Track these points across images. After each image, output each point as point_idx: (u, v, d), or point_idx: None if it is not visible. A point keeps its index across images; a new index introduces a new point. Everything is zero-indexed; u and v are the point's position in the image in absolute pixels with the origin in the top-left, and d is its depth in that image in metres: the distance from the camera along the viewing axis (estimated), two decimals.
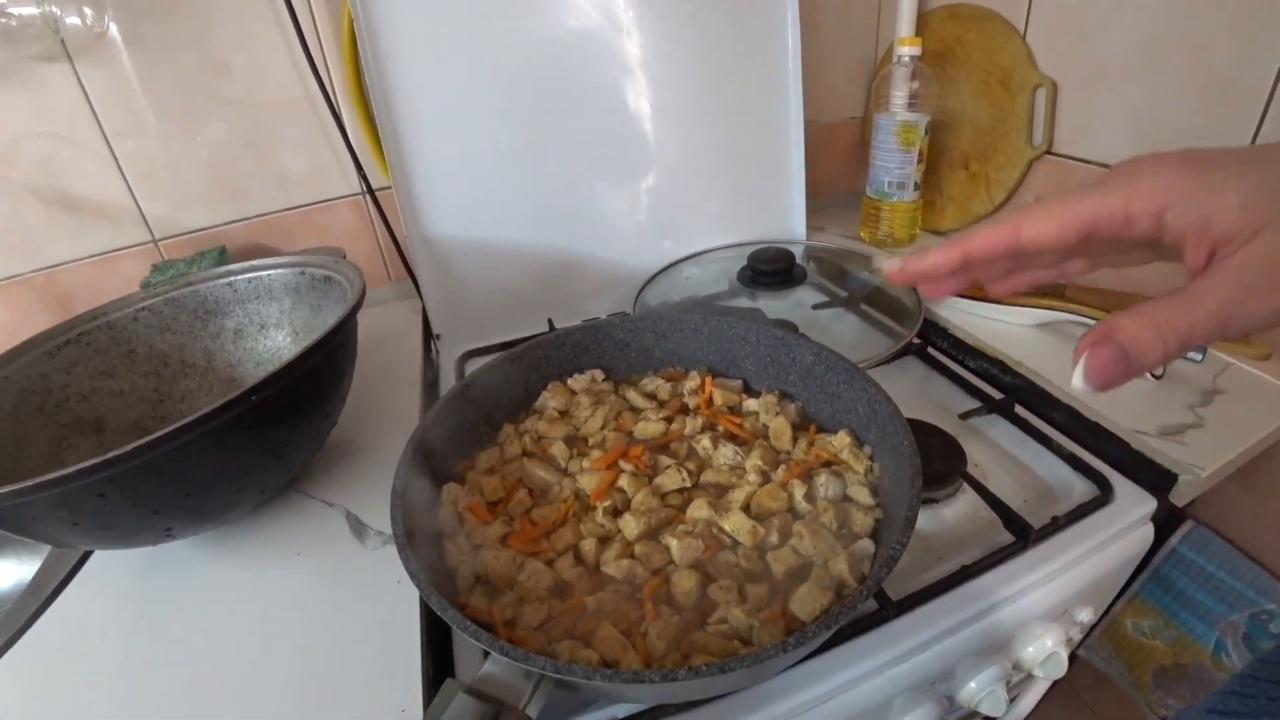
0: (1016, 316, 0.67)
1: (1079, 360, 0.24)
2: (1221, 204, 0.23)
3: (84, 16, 0.65)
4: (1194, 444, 0.52)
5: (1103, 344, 0.24)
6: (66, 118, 0.68)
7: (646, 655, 0.34)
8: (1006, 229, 0.27)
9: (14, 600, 0.51)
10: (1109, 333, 0.24)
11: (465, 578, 0.39)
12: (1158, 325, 0.23)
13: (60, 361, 0.57)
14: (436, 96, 0.68)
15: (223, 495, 0.43)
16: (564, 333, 0.56)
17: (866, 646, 0.42)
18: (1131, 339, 0.23)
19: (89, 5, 0.65)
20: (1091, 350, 0.24)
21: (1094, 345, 0.24)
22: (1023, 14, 0.72)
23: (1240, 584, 0.68)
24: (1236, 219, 0.23)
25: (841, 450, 0.46)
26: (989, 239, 0.28)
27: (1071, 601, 0.50)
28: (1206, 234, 0.24)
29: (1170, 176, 0.24)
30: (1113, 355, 0.24)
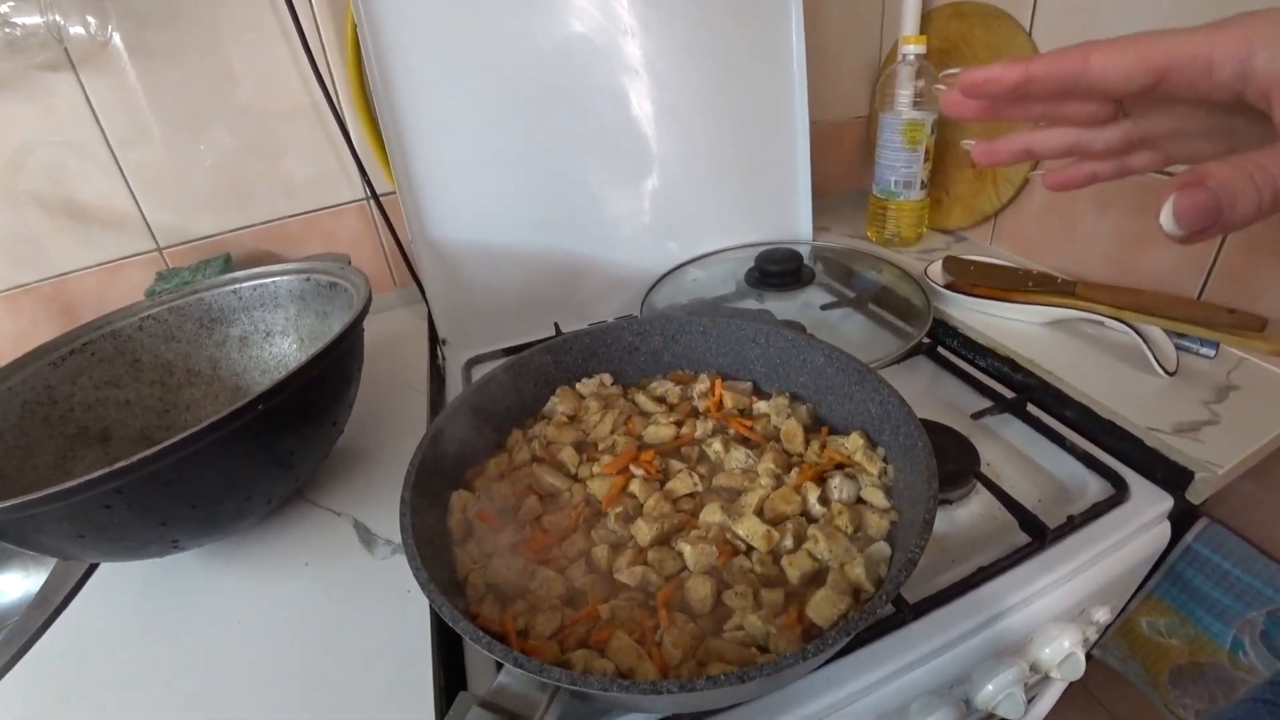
0: (1027, 315, 0.66)
1: (1167, 200, 0.22)
2: None
3: (87, 25, 0.65)
4: (1210, 441, 0.51)
5: (1194, 186, 0.21)
6: (71, 127, 0.68)
7: (662, 664, 0.33)
8: (1076, 54, 0.25)
9: (21, 613, 0.51)
10: (1200, 177, 0.21)
11: (476, 586, 0.38)
12: (1252, 173, 0.21)
13: (65, 371, 0.56)
14: (440, 100, 0.68)
15: (230, 505, 0.43)
16: (571, 337, 0.55)
17: (883, 651, 0.42)
18: (1224, 185, 0.21)
19: (92, 14, 0.65)
20: (1181, 191, 0.22)
21: (1184, 187, 0.21)
22: (1028, 10, 0.72)
23: (1257, 581, 0.67)
24: None
25: (855, 452, 0.46)
26: (1055, 61, 0.26)
27: (1088, 602, 0.50)
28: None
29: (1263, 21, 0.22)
30: (1206, 199, 0.21)
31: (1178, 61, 0.23)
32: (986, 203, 0.82)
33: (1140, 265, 0.67)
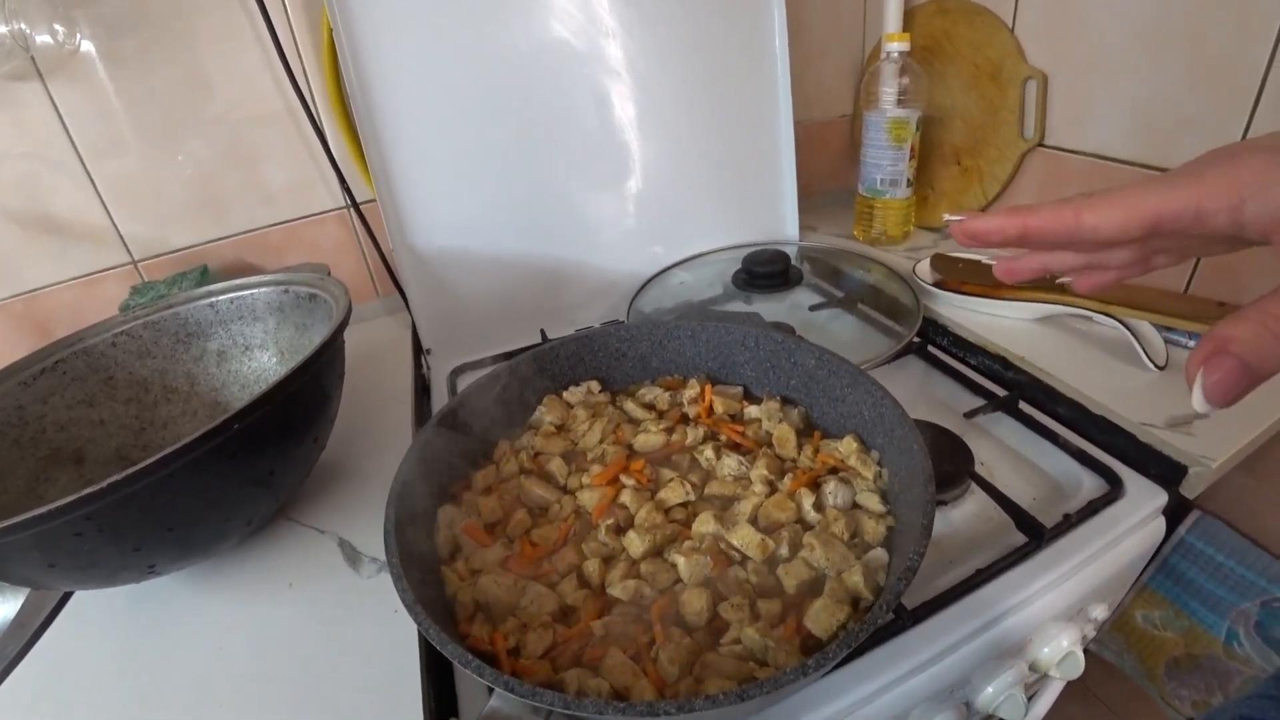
0: (1016, 311, 0.66)
1: (1196, 378, 0.22)
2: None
3: (55, 34, 0.63)
4: (1202, 434, 0.51)
5: (1219, 357, 0.21)
6: (40, 138, 0.67)
7: (658, 681, 0.32)
8: (1069, 214, 0.26)
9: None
10: (1222, 344, 0.21)
11: (465, 605, 0.37)
12: (1270, 325, 0.21)
13: (36, 391, 0.55)
14: (419, 106, 0.67)
15: (209, 527, 0.41)
16: (558, 344, 0.54)
17: (883, 658, 0.41)
18: (1250, 348, 0.21)
19: (60, 22, 0.64)
20: (1208, 366, 0.22)
21: (1209, 360, 0.22)
22: (1010, 7, 0.72)
23: (1250, 572, 0.67)
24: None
25: (848, 456, 0.45)
26: (1048, 219, 0.26)
27: (1086, 600, 0.49)
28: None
29: (1246, 167, 0.22)
30: (1234, 369, 0.21)
31: (1168, 215, 0.24)
32: (973, 199, 0.82)
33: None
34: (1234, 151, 0.23)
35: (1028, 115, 0.73)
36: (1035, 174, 0.76)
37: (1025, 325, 0.66)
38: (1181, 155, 0.61)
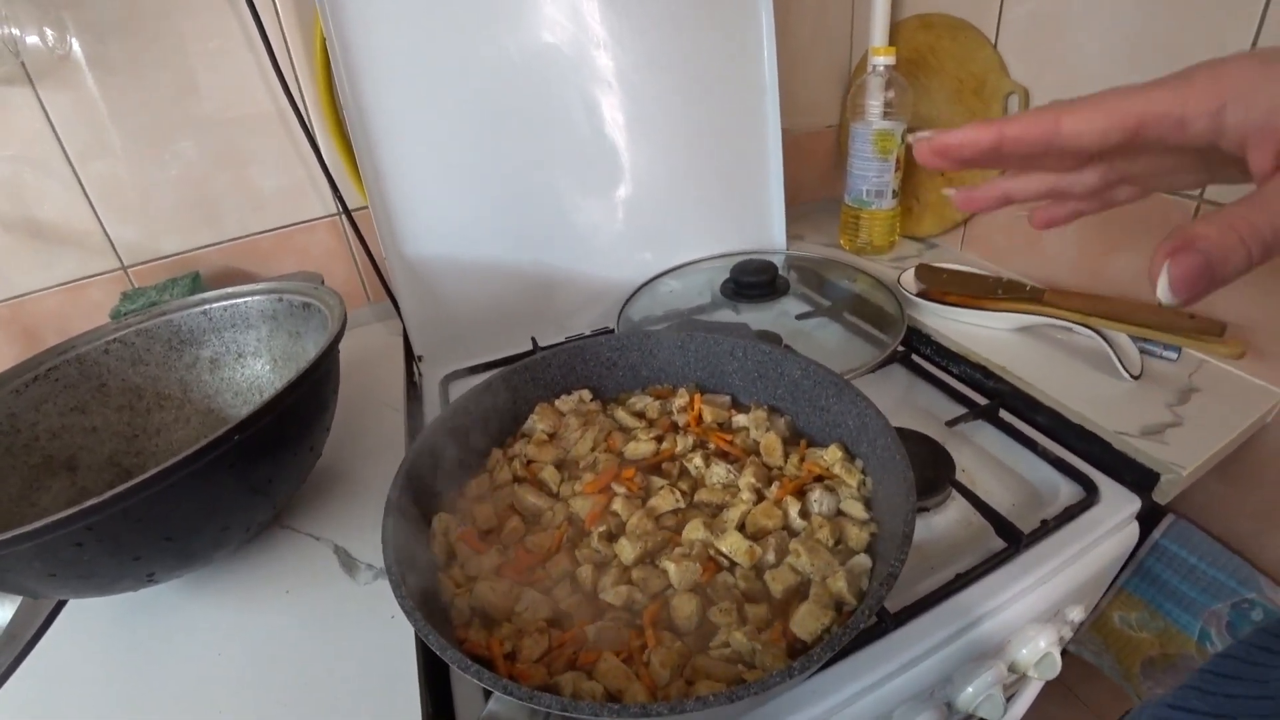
0: (997, 321, 0.68)
1: (1161, 270, 0.22)
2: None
3: (45, 38, 0.63)
4: (1174, 442, 0.53)
5: (1185, 252, 0.21)
6: (29, 142, 0.66)
7: (651, 684, 0.33)
8: (1048, 118, 0.25)
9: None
10: (1190, 240, 0.21)
11: (461, 610, 0.38)
12: (1239, 229, 0.21)
13: (28, 399, 0.55)
14: (412, 114, 0.68)
15: (207, 536, 0.42)
16: (549, 354, 0.55)
17: (866, 661, 0.42)
18: (1215, 245, 0.21)
19: (50, 26, 0.64)
20: (1174, 259, 0.22)
21: (1175, 253, 0.22)
22: (993, 23, 0.74)
23: (1222, 574, 0.69)
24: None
25: (833, 465, 0.46)
26: (1026, 125, 0.26)
27: (1063, 602, 0.51)
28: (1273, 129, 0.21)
29: (1230, 72, 0.22)
30: (1198, 263, 0.21)
31: (1151, 119, 0.23)
32: (956, 210, 0.83)
33: (1106, 271, 0.69)
34: (1220, 60, 0.23)
35: None
36: None
37: (1006, 335, 0.68)
38: None
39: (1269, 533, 0.64)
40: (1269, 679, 0.26)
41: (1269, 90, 0.21)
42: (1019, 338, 0.67)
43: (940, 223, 0.87)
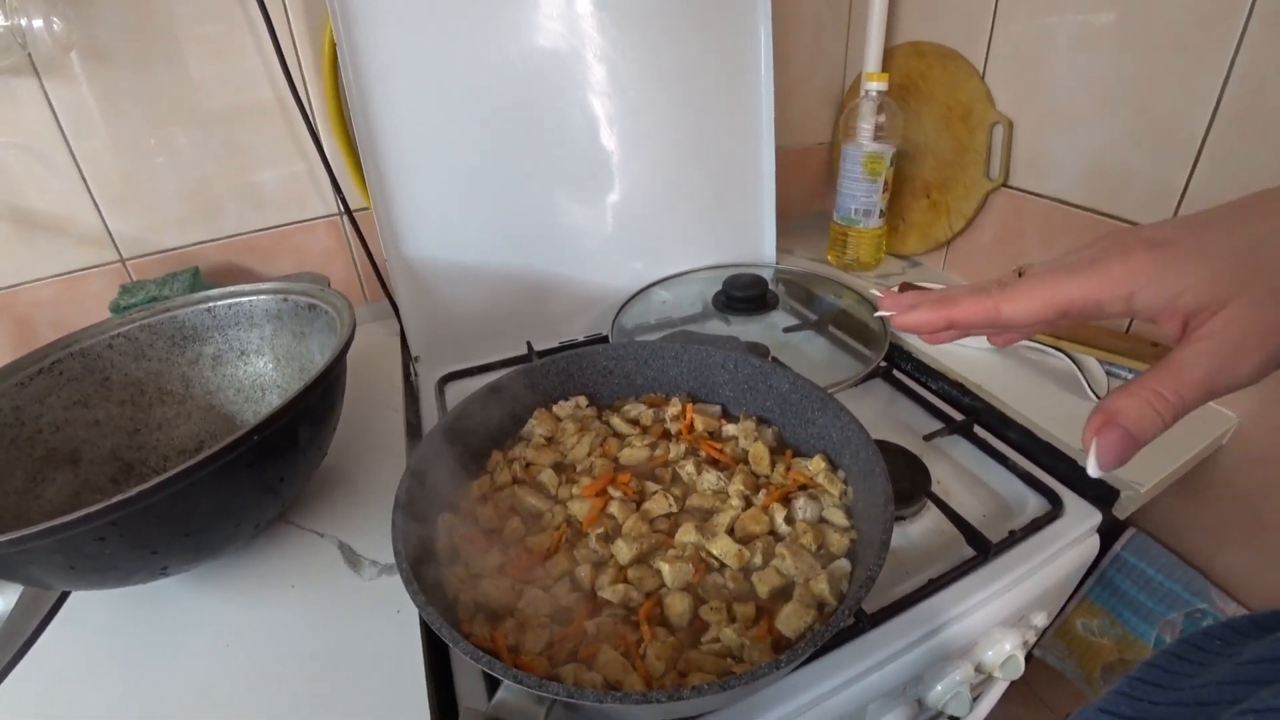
0: (976, 341, 0.71)
1: (1090, 449, 0.27)
2: (1186, 284, 0.26)
3: (53, 30, 0.64)
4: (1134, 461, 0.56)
5: (1108, 429, 0.26)
6: (32, 133, 0.67)
7: (646, 675, 0.36)
8: (989, 305, 0.30)
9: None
10: (1111, 418, 0.26)
11: (466, 606, 0.40)
12: (1154, 403, 0.26)
13: (32, 392, 0.56)
14: (416, 120, 0.69)
15: (220, 532, 0.44)
16: (549, 361, 0.57)
17: (844, 658, 0.45)
18: (1134, 420, 0.26)
19: (58, 18, 0.64)
20: (1100, 438, 0.26)
21: (1100, 431, 0.26)
22: (982, 55, 0.77)
23: (1177, 586, 0.73)
24: (1204, 294, 0.25)
25: (817, 474, 0.49)
26: (971, 311, 0.30)
27: (1027, 608, 0.54)
28: (1176, 310, 0.26)
29: (1136, 263, 0.26)
30: (1120, 438, 0.26)
31: (1076, 304, 0.28)
32: (940, 231, 0.87)
33: None
34: (1126, 246, 0.27)
35: (994, 157, 0.79)
36: (999, 212, 0.81)
37: (983, 355, 0.71)
38: (1129, 205, 0.67)
39: (1220, 548, 0.69)
40: (1183, 686, 0.29)
41: (1168, 280, 0.26)
42: (995, 358, 0.71)
43: (924, 242, 0.90)
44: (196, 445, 0.62)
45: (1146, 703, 0.29)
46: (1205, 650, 0.31)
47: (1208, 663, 0.30)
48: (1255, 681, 0.26)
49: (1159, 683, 0.30)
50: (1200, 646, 0.31)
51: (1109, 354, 0.65)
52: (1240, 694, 0.25)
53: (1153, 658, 0.32)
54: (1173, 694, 0.29)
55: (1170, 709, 0.28)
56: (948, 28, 0.81)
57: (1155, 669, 0.31)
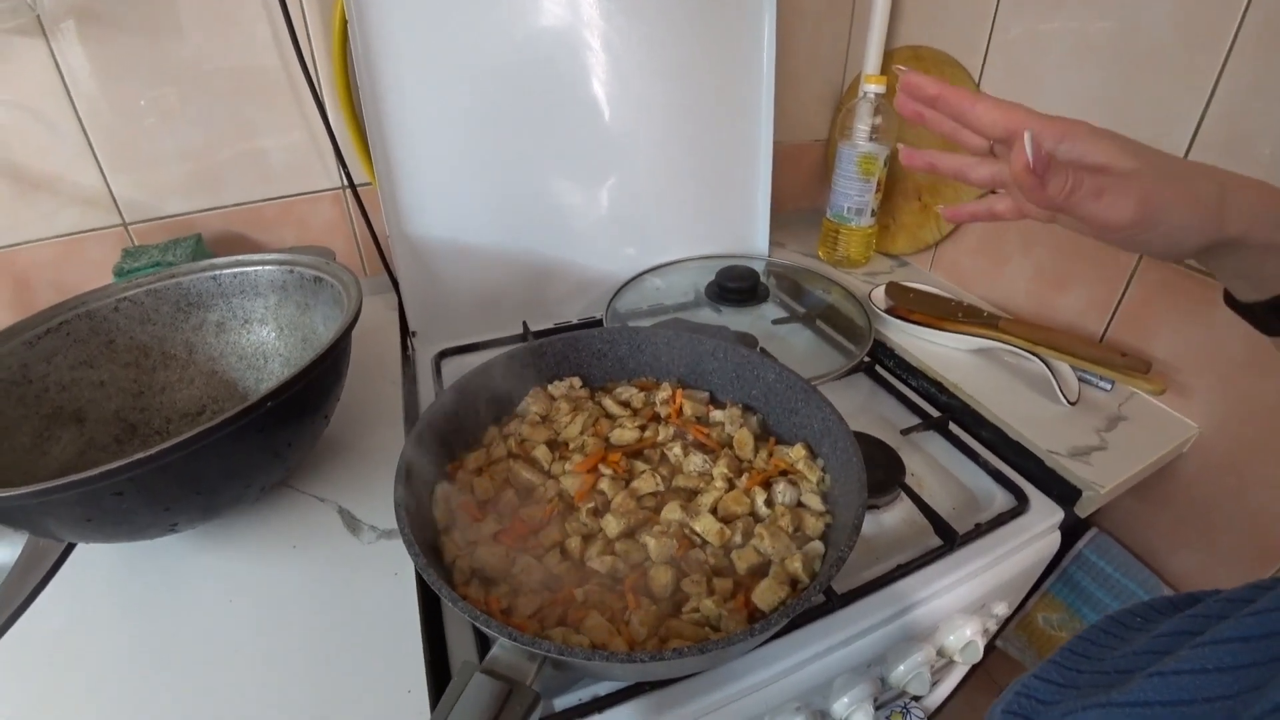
0: (955, 342, 0.74)
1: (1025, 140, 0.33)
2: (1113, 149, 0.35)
3: None
4: (1097, 464, 0.60)
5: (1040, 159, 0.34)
6: (37, 93, 0.67)
7: (630, 640, 0.39)
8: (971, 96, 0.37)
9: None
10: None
11: (463, 571, 0.42)
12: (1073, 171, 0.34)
13: (40, 351, 0.57)
14: (424, 97, 0.70)
15: (229, 493, 0.46)
16: (546, 342, 0.60)
17: (814, 634, 0.48)
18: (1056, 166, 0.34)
19: None
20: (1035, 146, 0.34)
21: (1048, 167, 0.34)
22: (979, 64, 0.79)
23: (1133, 584, 0.77)
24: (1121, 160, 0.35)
25: (797, 461, 0.52)
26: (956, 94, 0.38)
27: (989, 597, 0.58)
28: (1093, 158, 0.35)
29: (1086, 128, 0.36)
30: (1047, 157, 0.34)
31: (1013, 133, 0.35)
32: (928, 234, 0.90)
33: (1057, 303, 0.76)
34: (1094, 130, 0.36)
35: None
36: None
37: (962, 355, 0.74)
38: None
39: (1175, 549, 0.72)
40: (1105, 658, 0.32)
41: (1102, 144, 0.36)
42: (973, 359, 0.74)
43: (913, 243, 0.93)
44: (199, 409, 0.64)
45: (1074, 671, 0.33)
46: (1127, 626, 0.35)
47: (1128, 637, 0.34)
48: (1164, 652, 0.29)
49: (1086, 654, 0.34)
50: (1123, 623, 0.35)
51: (1081, 360, 0.68)
52: (1151, 662, 0.28)
53: (1083, 632, 0.36)
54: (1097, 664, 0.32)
55: (1095, 676, 0.31)
56: (947, 33, 0.82)
57: (1084, 641, 0.35)
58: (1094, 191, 0.34)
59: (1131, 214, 0.34)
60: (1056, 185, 0.34)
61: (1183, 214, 0.35)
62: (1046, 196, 0.34)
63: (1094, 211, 0.35)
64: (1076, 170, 0.34)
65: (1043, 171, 0.34)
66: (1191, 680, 0.26)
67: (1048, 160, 0.34)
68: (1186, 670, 0.26)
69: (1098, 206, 0.35)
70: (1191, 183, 0.36)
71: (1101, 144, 0.36)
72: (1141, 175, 0.35)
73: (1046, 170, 0.34)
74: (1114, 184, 0.34)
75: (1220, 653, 0.26)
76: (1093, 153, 0.36)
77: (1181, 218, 0.35)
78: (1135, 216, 0.34)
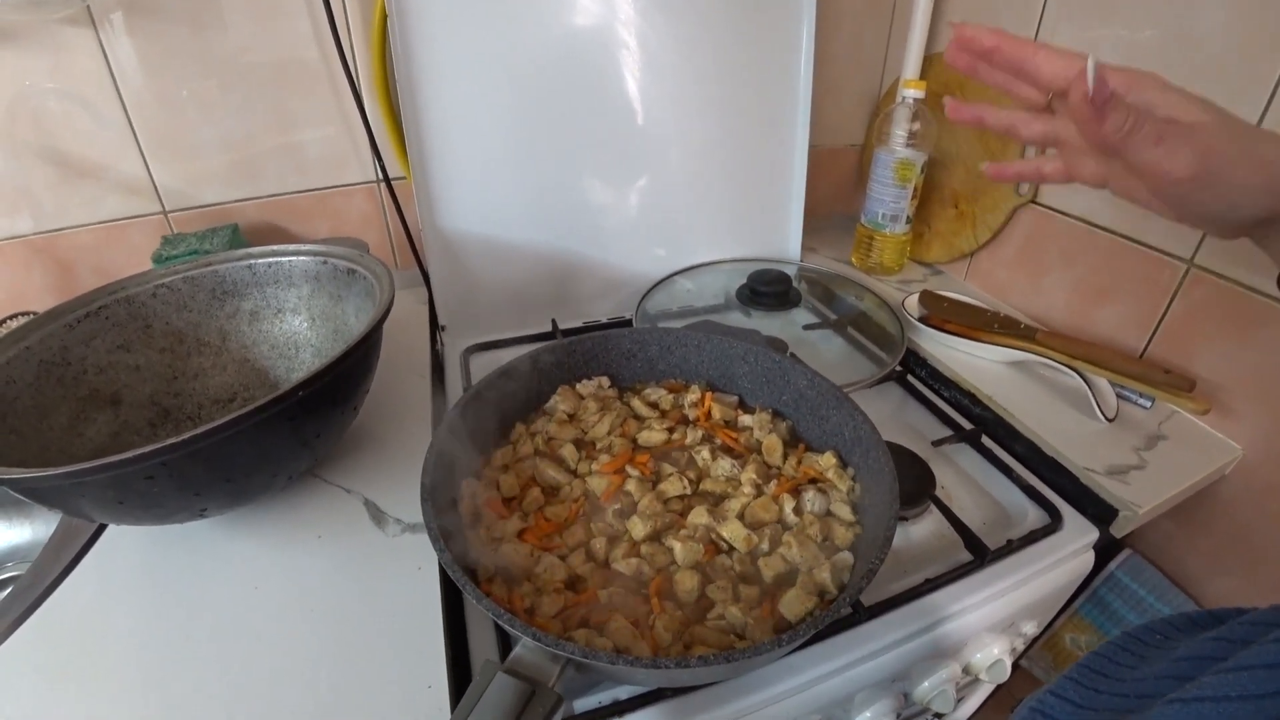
0: (990, 354, 0.72)
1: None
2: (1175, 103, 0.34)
3: None
4: (1135, 483, 0.58)
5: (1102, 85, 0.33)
6: (88, 83, 0.69)
7: (654, 644, 0.38)
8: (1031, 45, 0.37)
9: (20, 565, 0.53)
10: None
11: (486, 568, 0.42)
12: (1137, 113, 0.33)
13: (79, 334, 0.58)
14: (460, 92, 0.71)
15: (257, 480, 0.46)
16: (575, 340, 0.59)
17: (839, 646, 0.47)
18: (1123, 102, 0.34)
19: None
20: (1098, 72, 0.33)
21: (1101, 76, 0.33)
22: None
23: (1167, 609, 0.75)
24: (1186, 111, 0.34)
25: (827, 470, 0.51)
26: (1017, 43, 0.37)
27: (1018, 616, 0.56)
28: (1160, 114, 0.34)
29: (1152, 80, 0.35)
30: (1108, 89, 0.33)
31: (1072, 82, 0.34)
32: (965, 242, 0.88)
33: (1096, 317, 0.74)
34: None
35: None
36: (1024, 227, 0.82)
37: (996, 367, 0.72)
38: (1152, 232, 0.67)
39: (1213, 575, 0.70)
40: (1125, 678, 0.31)
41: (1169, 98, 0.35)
42: (1008, 371, 0.72)
43: (948, 252, 0.91)
44: (230, 396, 0.65)
45: (1092, 691, 0.32)
46: (1146, 644, 0.33)
47: (1147, 655, 0.32)
48: (1186, 677, 0.28)
49: (1104, 671, 0.32)
50: (1143, 640, 0.34)
51: (1121, 376, 0.66)
52: (1173, 687, 0.27)
53: (1100, 648, 0.34)
54: (1116, 684, 0.31)
55: (1114, 699, 0.30)
56: None
57: (1103, 659, 0.33)
58: (1154, 136, 0.33)
59: (1190, 165, 0.33)
60: (1116, 121, 0.33)
61: (1244, 174, 0.34)
62: (1103, 134, 0.33)
63: (1151, 158, 0.33)
64: (1139, 111, 0.32)
65: (1102, 103, 0.32)
66: (1214, 709, 0.25)
67: (1109, 93, 0.32)
68: (1209, 698, 0.25)
69: (1156, 153, 0.33)
70: (1258, 144, 0.34)
71: (1170, 97, 0.34)
72: (1206, 128, 0.33)
73: (1107, 103, 0.32)
74: (1176, 131, 0.33)
75: (1244, 680, 0.25)
76: (1161, 104, 0.34)
77: (1243, 178, 0.34)
78: (1194, 169, 0.33)
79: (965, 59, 0.38)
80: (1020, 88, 0.40)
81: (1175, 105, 0.34)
